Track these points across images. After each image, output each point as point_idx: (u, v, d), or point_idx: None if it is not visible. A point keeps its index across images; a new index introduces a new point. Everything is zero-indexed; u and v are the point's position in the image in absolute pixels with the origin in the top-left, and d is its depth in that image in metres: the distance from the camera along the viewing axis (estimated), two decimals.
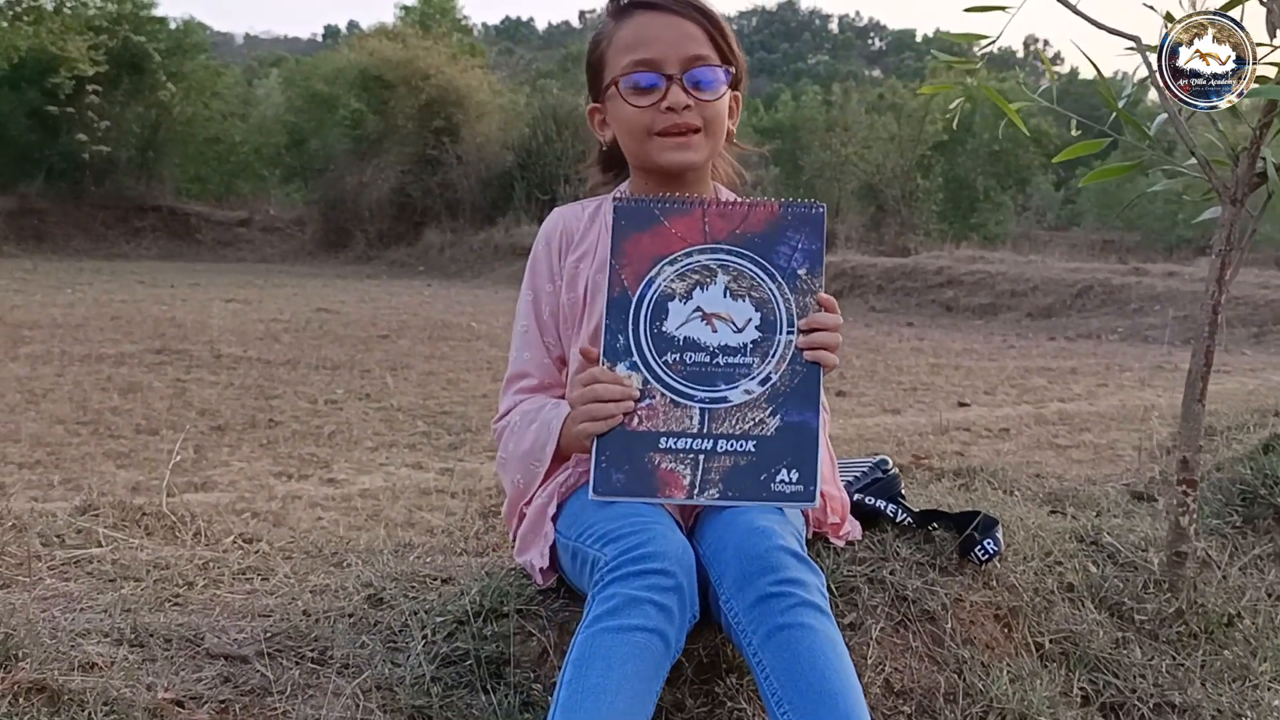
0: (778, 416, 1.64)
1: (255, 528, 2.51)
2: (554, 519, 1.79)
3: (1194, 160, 2.27)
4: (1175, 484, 2.19)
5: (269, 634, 1.66)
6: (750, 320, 1.67)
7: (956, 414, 8.50)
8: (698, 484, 1.63)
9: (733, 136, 1.96)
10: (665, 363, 1.67)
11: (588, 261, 1.90)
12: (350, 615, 1.76)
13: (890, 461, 2.11)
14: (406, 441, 6.76)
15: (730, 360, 1.66)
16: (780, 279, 1.69)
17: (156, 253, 26.67)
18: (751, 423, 1.64)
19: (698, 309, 1.68)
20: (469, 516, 2.40)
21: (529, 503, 1.86)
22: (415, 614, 1.74)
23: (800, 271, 1.69)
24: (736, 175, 2.03)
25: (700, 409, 1.65)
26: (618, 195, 1.80)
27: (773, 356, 1.66)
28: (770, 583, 1.53)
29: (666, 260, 1.70)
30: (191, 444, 6.30)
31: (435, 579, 1.90)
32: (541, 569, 1.82)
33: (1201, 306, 2.17)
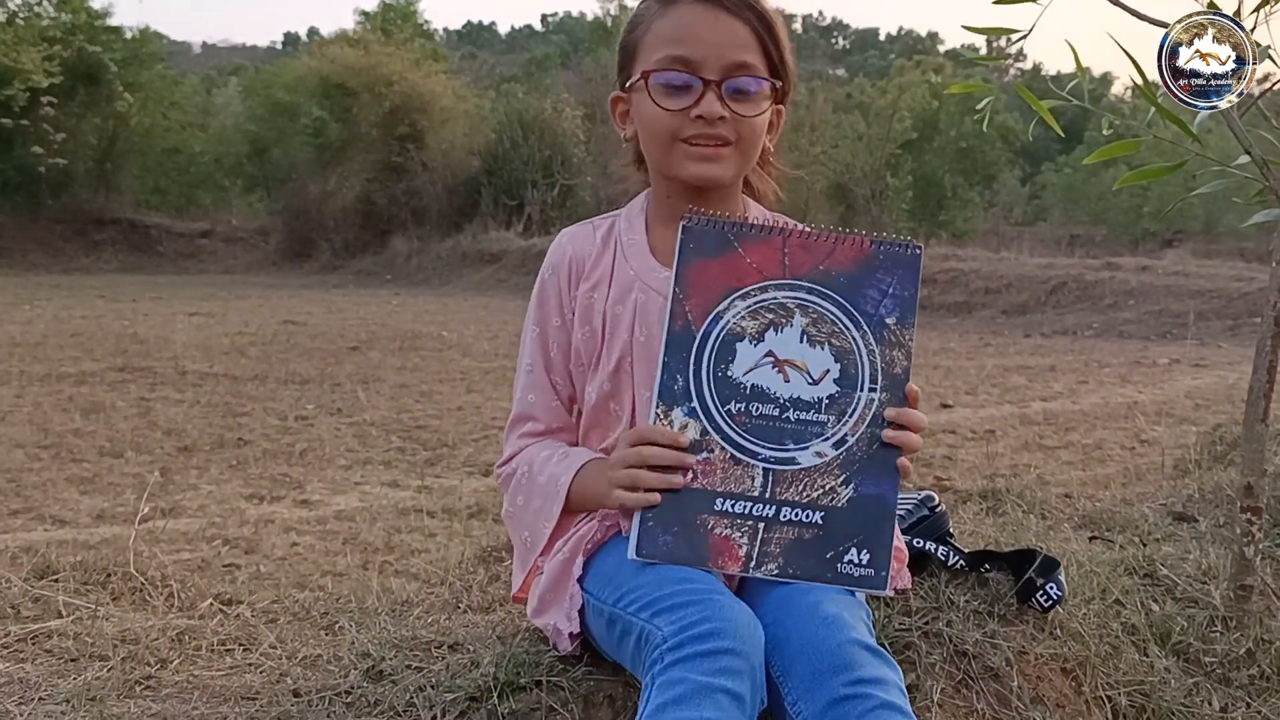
0: (851, 486, 1.44)
1: (233, 588, 2.29)
2: (580, 579, 1.59)
3: (1246, 159, 2.11)
4: (1238, 511, 2.01)
5: None
6: (828, 372, 1.47)
7: (940, 416, 8.38)
8: (755, 556, 1.43)
9: (769, 154, 1.74)
10: (728, 412, 1.46)
11: (602, 291, 1.68)
12: (347, 694, 1.55)
13: (936, 497, 1.93)
14: (381, 458, 6.56)
15: (802, 416, 1.46)
16: (866, 327, 1.49)
17: (116, 266, 26.26)
18: (821, 490, 1.45)
19: (769, 354, 1.48)
20: (466, 562, 2.20)
21: (544, 553, 1.66)
22: (421, 690, 1.53)
23: (889, 320, 1.49)
24: (774, 194, 1.80)
25: (764, 469, 1.45)
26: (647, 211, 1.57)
27: (850, 416, 1.46)
28: (845, 683, 1.33)
29: (738, 294, 1.49)
30: (158, 466, 6.08)
31: (440, 644, 1.70)
32: (571, 634, 1.62)
33: (1263, 319, 2.00)
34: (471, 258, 23.92)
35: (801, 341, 1.48)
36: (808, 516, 1.44)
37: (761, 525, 1.44)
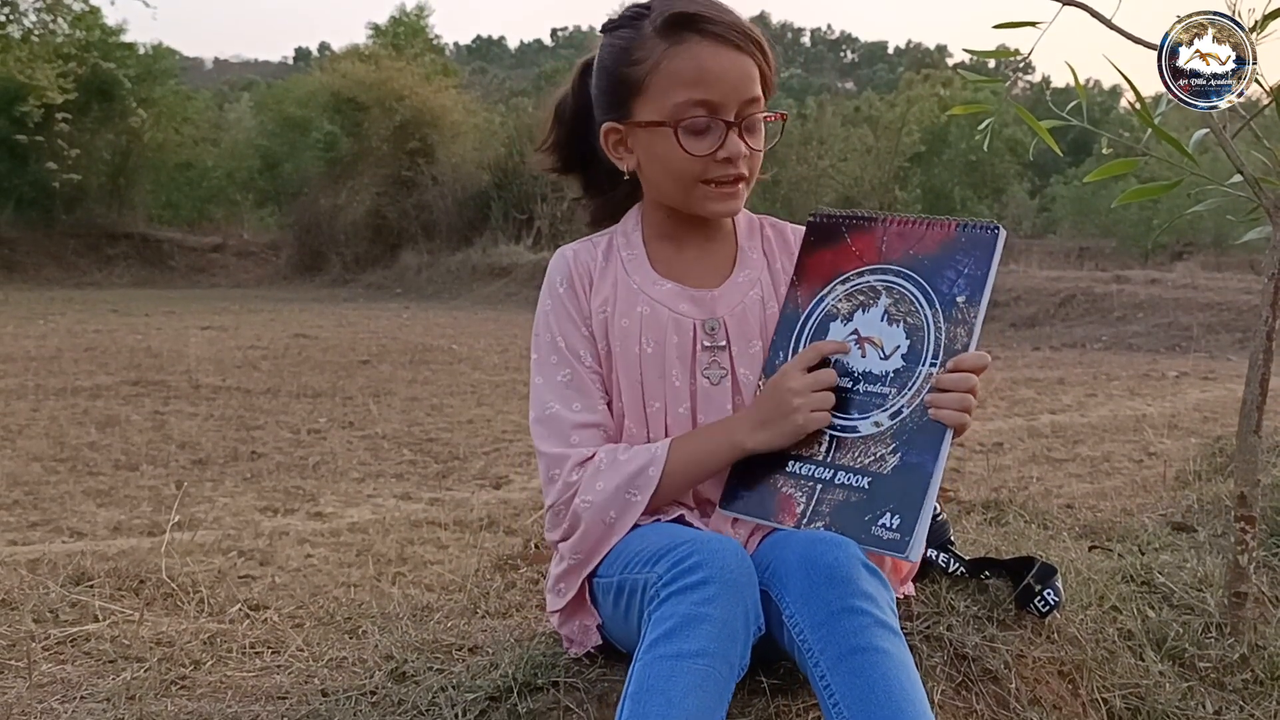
0: (898, 455, 1.53)
1: (257, 592, 2.36)
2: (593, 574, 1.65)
3: (1238, 178, 2.17)
4: (1233, 520, 2.08)
5: None
6: (898, 348, 1.58)
7: None
8: (808, 513, 1.55)
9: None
10: None
11: (612, 307, 1.70)
12: (372, 694, 1.62)
13: (938, 507, 1.99)
14: (393, 471, 6.61)
15: (869, 388, 1.58)
16: (937, 305, 1.57)
17: (129, 280, 26.37)
18: (872, 458, 1.55)
19: (855, 332, 1.60)
20: (483, 570, 2.27)
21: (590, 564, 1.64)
22: (444, 690, 1.60)
23: (959, 299, 1.56)
24: None
25: (830, 436, 1.58)
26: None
27: (909, 389, 1.55)
28: (842, 597, 1.40)
29: (840, 279, 1.63)
30: (173, 479, 6.14)
31: (460, 647, 1.77)
32: (598, 625, 1.67)
33: (1255, 333, 2.06)
34: (481, 271, 23.96)
35: (883, 320, 1.59)
36: (856, 480, 1.54)
37: (819, 486, 1.56)
